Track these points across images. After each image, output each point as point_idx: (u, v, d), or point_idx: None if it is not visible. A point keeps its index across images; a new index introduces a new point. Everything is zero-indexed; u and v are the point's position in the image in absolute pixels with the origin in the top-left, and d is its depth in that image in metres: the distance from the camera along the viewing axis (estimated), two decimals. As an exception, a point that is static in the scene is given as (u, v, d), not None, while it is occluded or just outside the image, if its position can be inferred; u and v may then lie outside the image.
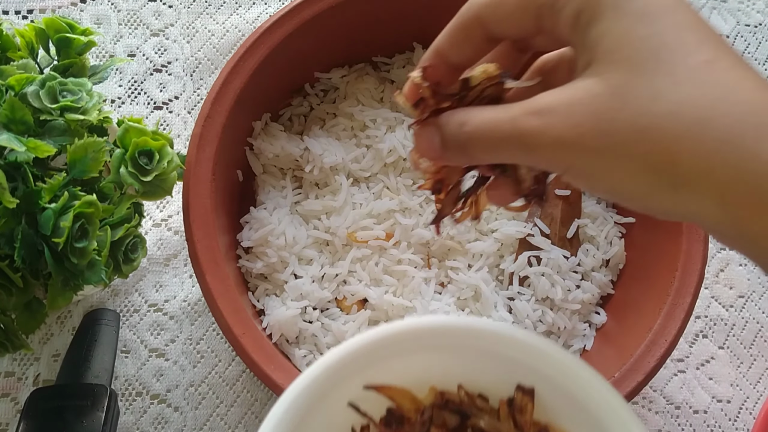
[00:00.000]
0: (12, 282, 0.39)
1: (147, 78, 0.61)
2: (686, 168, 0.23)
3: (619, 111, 0.24)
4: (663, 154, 0.23)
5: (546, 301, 0.50)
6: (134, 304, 0.54)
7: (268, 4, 0.65)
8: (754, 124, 0.23)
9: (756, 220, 0.23)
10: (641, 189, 0.25)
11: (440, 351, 0.32)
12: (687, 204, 0.24)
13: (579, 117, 0.25)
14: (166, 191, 0.42)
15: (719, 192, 0.23)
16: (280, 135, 0.53)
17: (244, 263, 0.50)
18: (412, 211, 0.51)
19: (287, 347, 0.48)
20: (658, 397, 0.55)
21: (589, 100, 0.25)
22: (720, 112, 0.23)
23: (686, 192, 0.24)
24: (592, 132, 0.24)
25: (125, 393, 0.52)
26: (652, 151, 0.24)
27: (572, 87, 0.26)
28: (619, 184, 0.25)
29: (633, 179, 0.24)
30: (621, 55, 0.24)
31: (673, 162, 0.23)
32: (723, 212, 0.23)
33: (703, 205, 0.24)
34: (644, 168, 0.24)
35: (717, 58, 0.24)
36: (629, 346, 0.45)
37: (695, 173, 0.23)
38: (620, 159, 0.24)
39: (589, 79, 0.25)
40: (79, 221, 0.38)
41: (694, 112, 0.23)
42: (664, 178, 0.24)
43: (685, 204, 0.24)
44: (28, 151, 0.37)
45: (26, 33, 0.43)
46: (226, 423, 0.51)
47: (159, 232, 0.56)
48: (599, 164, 0.25)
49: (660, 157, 0.23)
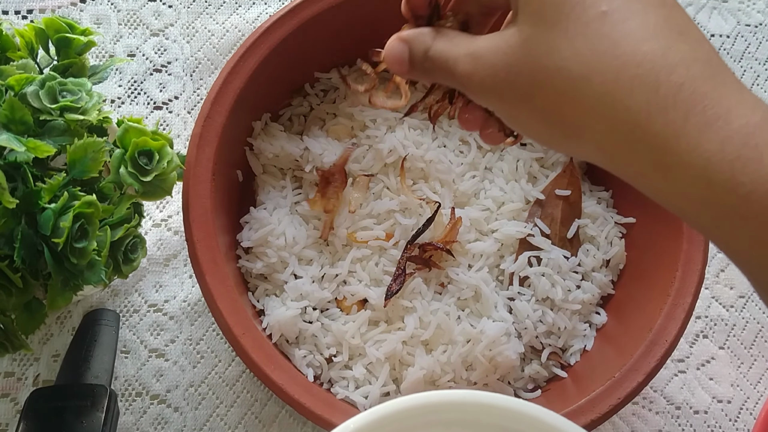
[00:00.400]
0: (12, 282, 0.39)
1: (147, 78, 0.61)
2: (571, 120, 0.26)
3: (524, 63, 0.26)
4: (553, 107, 0.26)
5: (546, 301, 0.50)
6: (134, 305, 0.54)
7: (268, 4, 0.65)
8: (629, 76, 0.24)
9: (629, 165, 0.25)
10: (543, 134, 0.28)
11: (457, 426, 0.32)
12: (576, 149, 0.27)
13: (497, 66, 0.27)
14: (166, 191, 0.42)
15: (597, 142, 0.25)
16: (280, 135, 0.53)
17: (244, 263, 0.50)
18: (412, 211, 0.51)
19: (287, 347, 0.48)
20: (659, 397, 0.55)
21: (505, 50, 0.27)
22: (601, 67, 0.24)
23: (574, 140, 0.26)
24: (503, 82, 0.27)
25: (125, 393, 0.52)
26: (545, 104, 0.26)
27: (500, 34, 0.28)
28: (527, 128, 0.28)
29: (536, 126, 0.27)
30: (533, 8, 0.26)
31: (561, 115, 0.26)
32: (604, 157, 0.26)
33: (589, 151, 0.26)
34: (542, 118, 0.27)
35: (613, 9, 0.25)
36: (629, 346, 0.45)
37: (579, 125, 0.25)
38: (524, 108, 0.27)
39: (511, 29, 0.27)
40: (78, 221, 0.38)
41: (579, 68, 0.25)
42: (557, 128, 0.26)
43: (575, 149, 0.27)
44: (28, 151, 0.37)
45: (26, 33, 0.43)
46: (226, 423, 0.51)
47: (159, 232, 0.56)
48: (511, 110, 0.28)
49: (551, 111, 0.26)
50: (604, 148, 0.25)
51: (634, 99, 0.24)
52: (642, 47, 0.24)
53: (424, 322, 0.48)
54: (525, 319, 0.49)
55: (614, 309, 0.51)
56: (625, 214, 0.53)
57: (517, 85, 0.26)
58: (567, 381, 0.49)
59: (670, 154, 0.24)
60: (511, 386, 0.49)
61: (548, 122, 0.26)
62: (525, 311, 0.49)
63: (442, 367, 0.47)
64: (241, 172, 0.53)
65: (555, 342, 0.50)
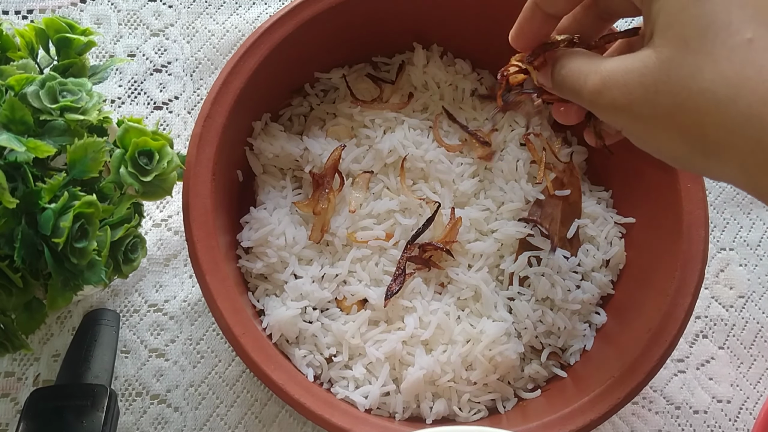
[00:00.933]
0: (12, 282, 0.39)
1: (147, 78, 0.61)
2: (713, 140, 0.26)
3: (663, 84, 0.27)
4: (695, 126, 0.27)
5: (546, 301, 0.50)
6: (134, 305, 0.54)
7: (268, 4, 0.65)
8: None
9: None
10: (679, 153, 0.29)
11: None
12: (716, 169, 0.28)
13: (631, 84, 0.28)
14: (166, 191, 0.42)
15: (741, 161, 0.26)
16: (280, 135, 0.53)
17: (244, 263, 0.50)
18: (412, 211, 0.51)
19: (287, 347, 0.48)
20: (658, 397, 0.55)
21: (642, 71, 0.28)
22: (748, 89, 0.25)
23: (715, 159, 0.27)
24: (639, 100, 0.28)
25: (125, 393, 0.52)
26: (686, 123, 0.27)
27: (633, 56, 0.29)
28: (661, 147, 0.29)
29: (672, 145, 0.28)
30: (673, 32, 0.27)
31: (703, 134, 0.26)
32: (746, 177, 0.27)
33: (729, 171, 0.27)
34: (680, 137, 0.27)
35: (758, 37, 0.26)
36: (629, 346, 0.45)
37: (721, 145, 0.26)
38: (661, 127, 0.28)
39: (646, 51, 0.28)
40: (79, 221, 0.38)
41: (725, 90, 0.26)
42: (697, 147, 0.27)
43: (714, 169, 0.28)
44: (28, 151, 0.37)
45: (26, 33, 0.43)
46: (226, 423, 0.51)
47: (159, 232, 0.56)
48: (645, 129, 0.29)
49: (692, 129, 0.27)
50: (747, 167, 0.26)
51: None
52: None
53: (424, 322, 0.48)
54: (525, 319, 0.49)
55: (614, 309, 0.51)
56: (624, 214, 0.53)
57: (656, 105, 0.27)
58: (567, 381, 0.49)
59: None
60: (511, 386, 0.49)
61: (688, 142, 0.27)
62: (525, 311, 0.49)
63: (442, 367, 0.47)
64: (241, 172, 0.53)
65: (555, 342, 0.50)
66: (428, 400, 0.47)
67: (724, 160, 0.27)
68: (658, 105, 0.27)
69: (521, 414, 0.48)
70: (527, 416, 0.47)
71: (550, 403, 0.47)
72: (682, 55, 0.27)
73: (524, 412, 0.48)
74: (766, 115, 0.25)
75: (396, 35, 0.56)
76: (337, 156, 0.51)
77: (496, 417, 0.48)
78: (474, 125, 0.55)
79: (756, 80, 0.25)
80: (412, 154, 0.52)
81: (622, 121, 0.30)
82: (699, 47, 0.26)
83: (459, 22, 0.55)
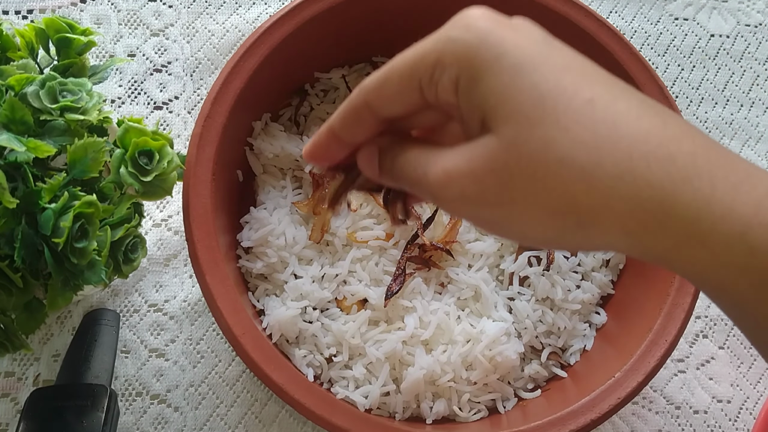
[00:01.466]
0: (12, 282, 0.39)
1: (147, 78, 0.61)
2: (587, 208, 0.24)
3: (515, 164, 0.25)
4: (563, 198, 0.24)
5: (546, 301, 0.50)
6: (134, 305, 0.54)
7: (268, 4, 0.65)
8: (642, 153, 0.24)
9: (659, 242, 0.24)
10: (550, 233, 0.26)
11: None
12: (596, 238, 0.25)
13: (480, 173, 0.26)
14: (166, 191, 0.42)
15: (621, 224, 0.24)
16: (280, 135, 0.53)
17: (244, 263, 0.50)
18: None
19: (287, 347, 0.48)
20: (659, 397, 0.55)
21: (488, 156, 0.26)
22: (608, 149, 0.24)
23: (592, 229, 0.25)
24: (493, 188, 0.26)
25: (125, 393, 0.52)
26: (552, 197, 0.25)
27: (472, 144, 0.27)
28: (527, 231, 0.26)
29: (540, 225, 0.26)
30: (508, 110, 0.25)
31: (574, 204, 0.24)
32: (630, 240, 0.25)
33: (611, 237, 0.25)
34: (548, 214, 0.25)
35: (597, 95, 0.25)
36: (629, 346, 0.45)
37: (596, 211, 0.24)
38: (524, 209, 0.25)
39: (485, 137, 0.26)
40: (79, 221, 0.38)
41: (585, 155, 0.24)
42: (569, 220, 0.25)
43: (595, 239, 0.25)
44: (28, 151, 0.37)
45: (26, 33, 0.43)
46: (226, 423, 0.51)
47: (159, 232, 0.56)
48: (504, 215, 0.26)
49: (561, 202, 0.25)
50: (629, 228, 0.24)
51: (654, 174, 0.23)
52: (641, 124, 0.24)
53: (424, 322, 0.48)
54: (525, 319, 0.49)
55: (614, 309, 0.51)
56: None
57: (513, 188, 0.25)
58: (567, 381, 0.49)
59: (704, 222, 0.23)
60: (511, 386, 0.49)
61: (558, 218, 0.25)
62: (525, 311, 0.49)
63: (442, 367, 0.47)
64: (241, 172, 0.53)
65: (555, 342, 0.50)
66: (428, 400, 0.47)
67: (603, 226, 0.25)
68: (516, 188, 0.25)
69: (521, 414, 0.48)
70: (527, 416, 0.47)
71: (550, 403, 0.47)
72: (527, 130, 0.25)
73: (524, 412, 0.48)
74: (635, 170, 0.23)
75: (396, 35, 0.56)
76: None
77: (496, 417, 0.48)
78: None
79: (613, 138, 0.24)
80: (412, 154, 0.52)
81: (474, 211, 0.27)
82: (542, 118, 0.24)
83: (459, 22, 0.55)
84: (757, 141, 0.65)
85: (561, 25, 0.51)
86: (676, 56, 0.67)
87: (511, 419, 0.47)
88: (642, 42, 0.67)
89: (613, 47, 0.51)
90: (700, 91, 0.66)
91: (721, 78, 0.67)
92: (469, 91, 0.26)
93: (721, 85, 0.66)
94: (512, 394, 0.49)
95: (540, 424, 0.43)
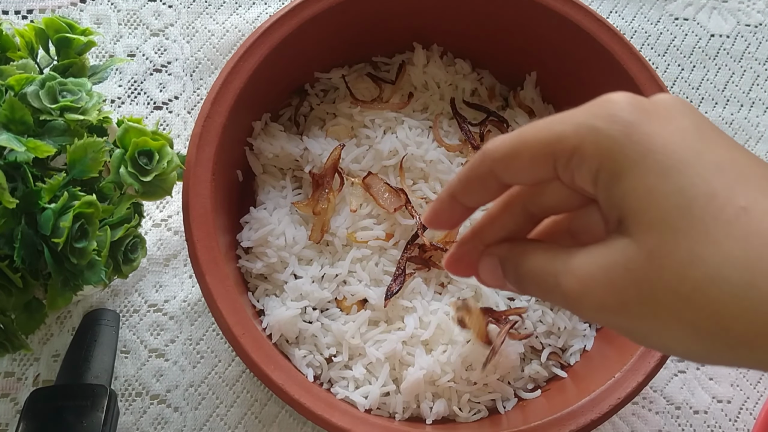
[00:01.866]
0: (12, 282, 0.39)
1: (147, 78, 0.61)
2: (740, 332, 0.23)
3: (658, 278, 0.23)
4: (712, 319, 0.23)
5: (546, 301, 0.50)
6: (134, 305, 0.54)
7: (268, 4, 0.65)
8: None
9: None
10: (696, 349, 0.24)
11: None
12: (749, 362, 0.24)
13: (619, 283, 0.24)
14: (166, 191, 0.42)
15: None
16: (280, 135, 0.53)
17: (244, 263, 0.50)
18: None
19: (287, 347, 0.48)
20: (659, 397, 0.55)
21: (627, 266, 0.24)
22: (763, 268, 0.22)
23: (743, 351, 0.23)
24: (635, 300, 0.24)
25: (125, 393, 0.52)
26: (700, 318, 0.23)
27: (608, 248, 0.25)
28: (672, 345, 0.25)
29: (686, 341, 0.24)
30: (651, 216, 0.23)
31: (725, 327, 0.23)
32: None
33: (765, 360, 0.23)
34: (694, 333, 0.23)
35: (751, 202, 0.23)
36: (630, 346, 0.45)
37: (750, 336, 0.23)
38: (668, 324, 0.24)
39: (623, 240, 0.25)
40: (78, 221, 0.38)
41: (737, 275, 0.22)
42: (718, 341, 0.23)
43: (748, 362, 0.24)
44: (28, 151, 0.37)
45: (26, 33, 0.43)
46: (226, 423, 0.51)
47: (159, 232, 0.56)
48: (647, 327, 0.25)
49: (710, 323, 0.23)
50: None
51: None
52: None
53: (424, 322, 0.48)
54: (525, 319, 0.49)
55: (614, 309, 0.51)
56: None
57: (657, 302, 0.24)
58: (567, 381, 0.49)
59: None
60: (511, 386, 0.49)
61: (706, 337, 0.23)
62: (525, 311, 0.49)
63: (442, 367, 0.47)
64: (241, 172, 0.53)
65: (555, 342, 0.50)
66: (428, 400, 0.47)
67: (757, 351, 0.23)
68: (659, 303, 0.23)
69: (521, 414, 0.48)
70: (527, 416, 0.47)
71: (550, 403, 0.47)
72: (673, 241, 0.23)
73: (524, 412, 0.48)
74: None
75: (396, 35, 0.56)
76: (337, 156, 0.51)
77: (496, 417, 0.48)
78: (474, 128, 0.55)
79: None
80: (413, 154, 0.52)
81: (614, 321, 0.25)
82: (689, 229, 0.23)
83: (459, 22, 0.55)
84: (757, 141, 0.65)
85: (561, 25, 0.51)
86: (676, 56, 0.67)
87: (511, 419, 0.47)
88: (642, 42, 0.67)
89: (613, 47, 0.50)
90: (700, 91, 0.66)
91: (721, 78, 0.67)
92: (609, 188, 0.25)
93: (721, 85, 0.66)
94: (512, 395, 0.49)
95: (540, 424, 0.43)
